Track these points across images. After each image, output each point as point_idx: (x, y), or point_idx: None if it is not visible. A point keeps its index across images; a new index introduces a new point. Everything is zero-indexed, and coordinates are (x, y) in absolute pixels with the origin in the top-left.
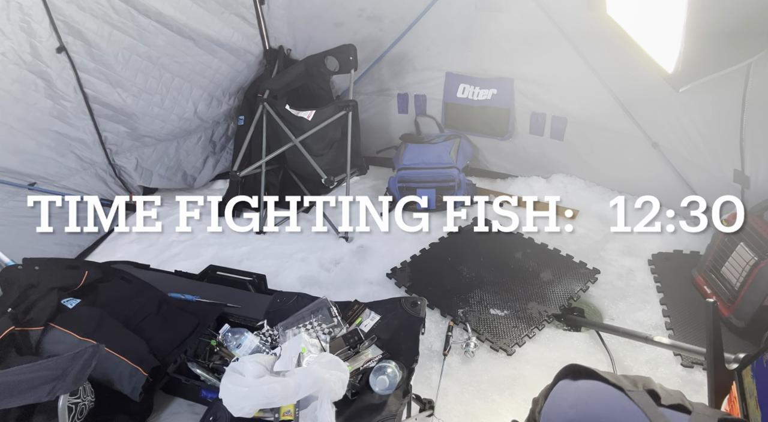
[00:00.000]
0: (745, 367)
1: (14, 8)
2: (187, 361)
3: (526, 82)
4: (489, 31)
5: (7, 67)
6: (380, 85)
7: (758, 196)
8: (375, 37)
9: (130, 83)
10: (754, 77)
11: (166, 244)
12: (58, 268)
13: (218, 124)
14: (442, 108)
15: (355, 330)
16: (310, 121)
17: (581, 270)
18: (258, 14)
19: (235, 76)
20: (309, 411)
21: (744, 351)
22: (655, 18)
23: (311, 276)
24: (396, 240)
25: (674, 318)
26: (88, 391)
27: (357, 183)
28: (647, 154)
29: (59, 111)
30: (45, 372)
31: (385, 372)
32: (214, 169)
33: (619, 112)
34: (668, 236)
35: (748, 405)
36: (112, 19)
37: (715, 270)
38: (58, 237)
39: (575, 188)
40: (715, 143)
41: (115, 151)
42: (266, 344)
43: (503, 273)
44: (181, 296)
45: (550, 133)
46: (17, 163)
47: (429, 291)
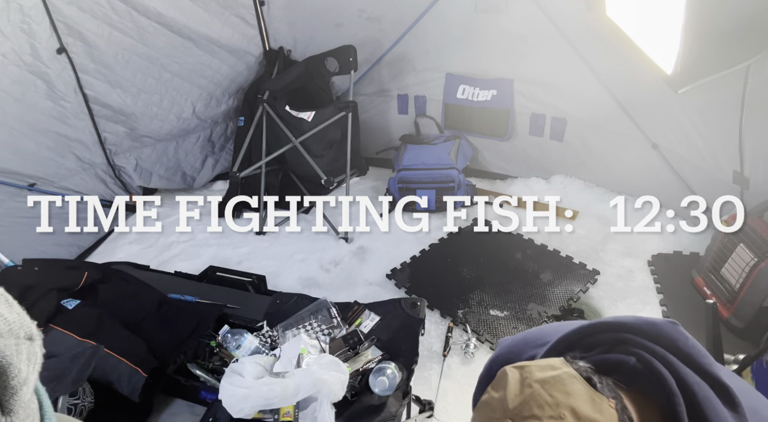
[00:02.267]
0: (745, 368)
1: (14, 9)
2: (187, 362)
3: (525, 83)
4: (489, 32)
5: (8, 68)
6: (380, 85)
7: (757, 197)
8: (375, 38)
9: (129, 83)
10: (753, 78)
11: (166, 245)
12: (58, 269)
13: (217, 123)
14: (442, 109)
15: (354, 331)
16: (310, 122)
17: (581, 271)
18: (258, 15)
19: (235, 76)
20: (308, 413)
21: (744, 352)
22: (654, 19)
23: (311, 277)
24: (396, 240)
25: (674, 319)
26: (88, 392)
27: (357, 183)
28: (647, 155)
29: (59, 112)
30: (44, 373)
31: (385, 373)
32: (214, 169)
33: (618, 113)
34: (668, 237)
35: None
36: (112, 20)
37: (715, 271)
38: (57, 237)
39: (575, 189)
40: (714, 144)
41: (114, 151)
42: (266, 345)
43: (503, 274)
44: (180, 297)
45: (549, 134)
46: (17, 163)
47: (429, 292)
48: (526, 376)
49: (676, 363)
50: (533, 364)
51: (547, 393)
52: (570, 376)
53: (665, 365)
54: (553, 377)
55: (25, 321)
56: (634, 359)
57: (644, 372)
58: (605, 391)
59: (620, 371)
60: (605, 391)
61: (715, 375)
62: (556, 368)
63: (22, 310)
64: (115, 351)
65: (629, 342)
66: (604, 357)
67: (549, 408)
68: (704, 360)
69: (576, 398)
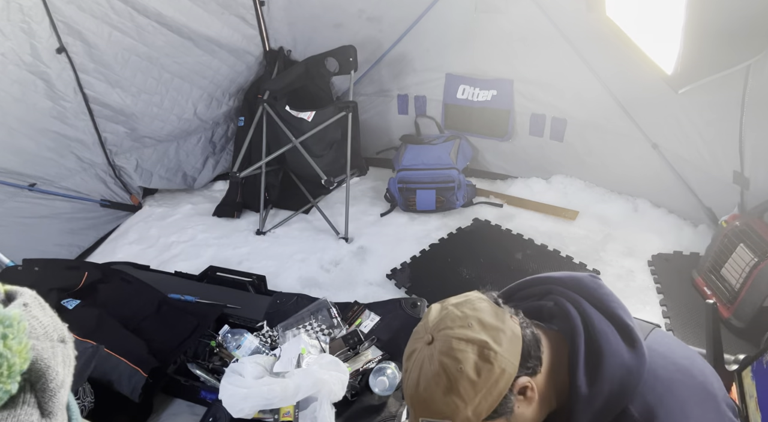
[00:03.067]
0: (745, 368)
1: (14, 9)
2: (187, 362)
3: (525, 83)
4: (489, 32)
5: (7, 68)
6: (380, 86)
7: (758, 197)
8: (375, 38)
9: (129, 83)
10: (754, 78)
11: (166, 245)
12: (58, 269)
13: (218, 124)
14: (442, 109)
15: (354, 331)
16: (310, 122)
17: (581, 271)
18: (258, 15)
19: (235, 76)
20: (308, 413)
21: (744, 352)
22: (655, 19)
23: (311, 277)
24: (396, 241)
25: (674, 319)
26: (88, 392)
27: (357, 184)
28: (647, 155)
29: (59, 111)
30: None
31: (385, 373)
32: (214, 169)
33: (618, 113)
34: (668, 237)
35: (747, 407)
36: (111, 19)
37: (715, 271)
38: (57, 238)
39: (575, 189)
40: (714, 144)
41: (114, 151)
42: (266, 345)
43: (503, 274)
44: (180, 297)
45: (549, 134)
46: (17, 163)
47: (429, 292)
48: (444, 304)
49: (585, 305)
50: (452, 297)
51: (458, 310)
52: (478, 298)
53: (576, 307)
54: (464, 300)
55: (57, 324)
56: (552, 303)
57: (559, 313)
58: (507, 309)
59: (543, 314)
60: (507, 309)
61: (619, 317)
62: (468, 295)
63: (54, 313)
64: (115, 351)
65: (554, 291)
66: (532, 303)
67: (459, 320)
68: (611, 305)
69: (481, 312)
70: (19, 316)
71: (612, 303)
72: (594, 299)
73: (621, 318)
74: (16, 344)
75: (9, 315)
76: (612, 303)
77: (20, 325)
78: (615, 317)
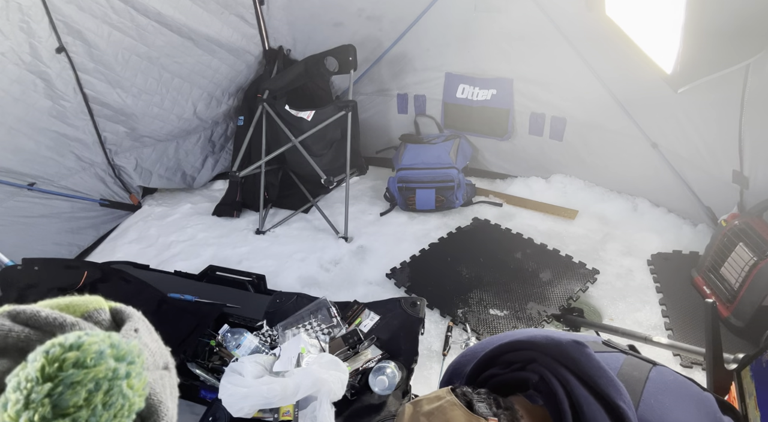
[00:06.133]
0: (744, 367)
1: (14, 8)
2: (187, 361)
3: (525, 82)
4: (488, 31)
5: (7, 67)
6: (380, 85)
7: (757, 196)
8: (374, 38)
9: (129, 83)
10: (753, 78)
11: (166, 244)
12: (58, 268)
13: (217, 124)
14: (442, 108)
15: (354, 330)
16: (309, 121)
17: (580, 270)
18: (257, 14)
19: (235, 76)
20: (308, 412)
21: (743, 351)
22: (654, 19)
23: (311, 276)
24: (395, 240)
25: (673, 318)
26: None
27: (357, 183)
28: (646, 155)
29: (59, 111)
30: None
31: (385, 372)
32: (214, 169)
33: (618, 113)
34: (667, 236)
35: (747, 406)
36: (111, 19)
37: (715, 270)
38: (57, 237)
39: (574, 188)
40: (713, 143)
41: (114, 151)
42: (265, 344)
43: (503, 273)
44: (180, 296)
45: (549, 134)
46: (16, 162)
47: (428, 291)
48: (417, 410)
49: (573, 383)
50: (425, 398)
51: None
52: (451, 404)
53: (564, 385)
54: (437, 407)
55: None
56: (537, 377)
57: (544, 389)
58: (483, 411)
59: (526, 387)
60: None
61: (609, 397)
62: (441, 398)
63: (158, 337)
64: None
65: (538, 360)
66: (515, 374)
67: None
68: (600, 382)
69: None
70: (139, 350)
71: (601, 379)
72: (582, 373)
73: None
74: (137, 382)
75: (132, 351)
76: (601, 380)
77: (140, 360)
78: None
